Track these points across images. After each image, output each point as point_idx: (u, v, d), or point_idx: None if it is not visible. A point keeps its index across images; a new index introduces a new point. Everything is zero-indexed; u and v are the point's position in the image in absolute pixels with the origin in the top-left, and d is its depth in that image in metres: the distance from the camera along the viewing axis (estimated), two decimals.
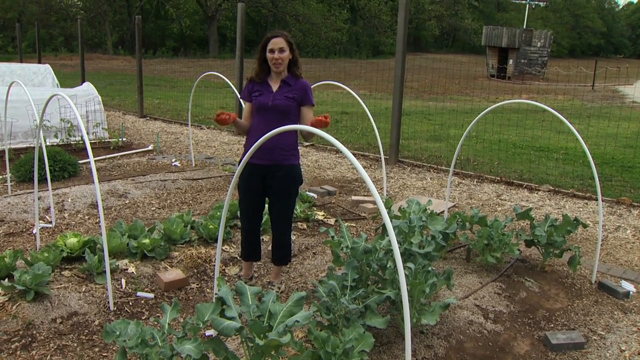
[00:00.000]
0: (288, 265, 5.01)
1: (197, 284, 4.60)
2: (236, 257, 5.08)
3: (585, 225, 5.06)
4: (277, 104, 4.15)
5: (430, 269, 3.55)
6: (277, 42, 4.12)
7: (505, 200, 7.32)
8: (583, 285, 4.77)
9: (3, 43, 44.05)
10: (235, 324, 2.61)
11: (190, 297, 4.41)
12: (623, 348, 3.80)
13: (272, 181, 4.21)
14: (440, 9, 60.40)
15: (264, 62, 4.23)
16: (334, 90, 20.58)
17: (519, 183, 8.13)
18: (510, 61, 37.47)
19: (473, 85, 24.78)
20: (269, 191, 4.28)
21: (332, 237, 3.93)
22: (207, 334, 3.67)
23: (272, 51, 4.12)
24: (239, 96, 9.03)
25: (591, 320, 4.19)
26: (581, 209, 6.99)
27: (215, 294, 2.85)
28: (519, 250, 4.82)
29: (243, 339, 2.72)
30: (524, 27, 43.19)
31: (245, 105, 4.37)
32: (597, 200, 7.14)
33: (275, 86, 4.23)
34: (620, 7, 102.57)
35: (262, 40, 4.24)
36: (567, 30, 73.79)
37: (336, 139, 2.53)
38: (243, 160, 3.14)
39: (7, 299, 4.02)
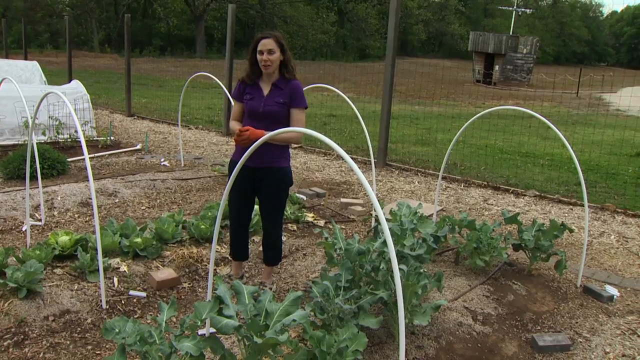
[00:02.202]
0: (279, 266, 5.05)
1: (189, 284, 4.63)
2: (227, 258, 5.10)
3: (571, 230, 5.15)
4: (267, 110, 4.11)
5: (422, 271, 3.61)
6: (266, 44, 4.06)
7: (492, 204, 7.41)
8: (569, 289, 4.86)
9: None
10: (234, 323, 2.65)
11: (183, 297, 4.44)
12: (607, 350, 3.88)
13: (261, 183, 4.22)
14: (427, 14, 60.80)
15: (255, 64, 4.17)
16: (321, 93, 20.64)
17: (506, 188, 8.23)
18: (497, 67, 37.78)
19: (459, 91, 24.96)
20: (259, 193, 4.30)
21: (326, 238, 3.98)
22: (200, 332, 3.70)
23: (261, 52, 4.07)
24: (229, 97, 9.06)
25: (577, 323, 4.27)
26: (566, 214, 7.10)
27: (214, 292, 2.89)
28: (507, 254, 4.90)
29: (240, 337, 2.76)
30: (511, 33, 43.61)
31: (235, 105, 4.35)
32: (582, 206, 7.27)
33: (266, 89, 4.18)
34: (605, 15, 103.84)
35: (253, 41, 4.19)
36: (553, 38, 74.58)
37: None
38: (239, 164, 3.11)
39: None
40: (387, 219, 4.88)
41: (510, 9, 52.65)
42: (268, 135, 2.87)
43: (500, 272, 4.97)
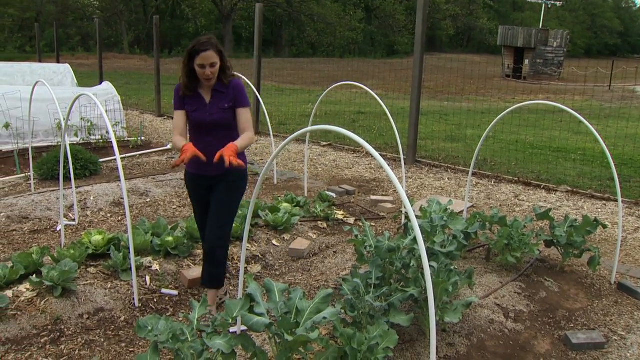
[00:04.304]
0: (309, 264, 5.07)
1: None
2: (258, 255, 5.14)
3: (604, 226, 5.07)
4: (215, 119, 3.85)
5: (452, 268, 3.59)
6: (208, 57, 3.70)
7: (524, 200, 7.33)
8: (602, 285, 4.78)
9: (21, 42, 44.57)
10: (265, 320, 2.67)
11: None
12: None
13: (217, 188, 3.94)
14: (455, 9, 60.20)
15: (192, 75, 3.82)
16: (349, 90, 20.61)
17: (537, 184, 8.13)
18: (526, 61, 37.29)
19: (489, 86, 24.71)
20: (212, 198, 4.00)
21: (357, 236, 3.98)
22: (231, 330, 3.72)
23: (202, 66, 3.72)
24: (258, 96, 9.11)
25: (611, 320, 4.21)
26: (600, 210, 6.99)
27: (244, 290, 2.91)
28: (538, 250, 4.84)
29: (271, 335, 2.77)
30: (540, 26, 43.02)
31: (176, 115, 3.95)
32: (615, 201, 7.14)
33: (207, 97, 3.89)
34: (638, 6, 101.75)
35: (187, 50, 3.78)
36: (584, 30, 73.33)
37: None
38: (262, 172, 3.03)
39: (35, 294, 4.11)
40: (417, 216, 4.86)
41: (540, 2, 51.89)
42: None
43: (532, 269, 4.92)
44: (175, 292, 4.43)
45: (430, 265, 3.51)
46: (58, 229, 5.68)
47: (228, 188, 3.96)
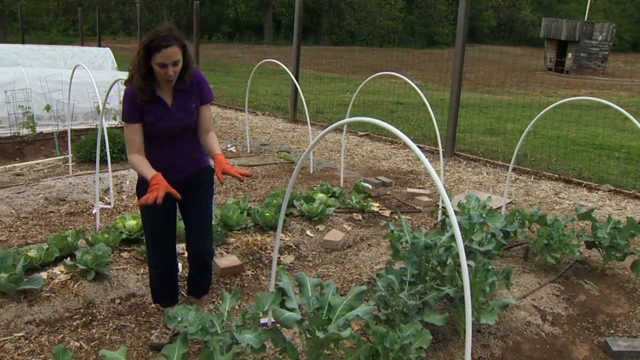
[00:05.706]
0: (343, 256, 5.01)
1: (253, 271, 4.64)
2: (292, 246, 5.09)
3: None
4: (183, 125, 3.33)
5: (490, 267, 3.49)
6: (172, 54, 3.07)
7: (564, 198, 7.14)
8: None
9: (65, 26, 45.26)
10: (296, 316, 2.62)
11: (246, 284, 4.45)
12: None
13: (191, 190, 3.45)
14: (498, 0, 59.22)
15: (149, 75, 3.17)
16: (388, 80, 20.38)
17: (578, 181, 7.92)
18: (570, 55, 36.47)
19: (530, 79, 24.23)
20: (186, 202, 3.47)
21: (392, 230, 3.89)
22: (261, 322, 3.68)
23: (163, 65, 3.09)
24: (296, 83, 9.04)
25: None
26: None
27: (276, 284, 2.86)
28: (579, 251, 4.69)
29: (302, 331, 2.72)
30: (585, 19, 42.00)
31: (129, 129, 3.28)
32: None
33: (169, 99, 3.30)
34: None
35: (143, 44, 3.11)
36: (631, 24, 71.20)
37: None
38: (299, 163, 2.95)
39: (69, 277, 4.14)
40: (455, 212, 4.75)
41: None
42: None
43: (572, 271, 4.77)
44: None
45: (467, 264, 3.41)
46: (94, 212, 5.71)
47: (198, 194, 3.53)
